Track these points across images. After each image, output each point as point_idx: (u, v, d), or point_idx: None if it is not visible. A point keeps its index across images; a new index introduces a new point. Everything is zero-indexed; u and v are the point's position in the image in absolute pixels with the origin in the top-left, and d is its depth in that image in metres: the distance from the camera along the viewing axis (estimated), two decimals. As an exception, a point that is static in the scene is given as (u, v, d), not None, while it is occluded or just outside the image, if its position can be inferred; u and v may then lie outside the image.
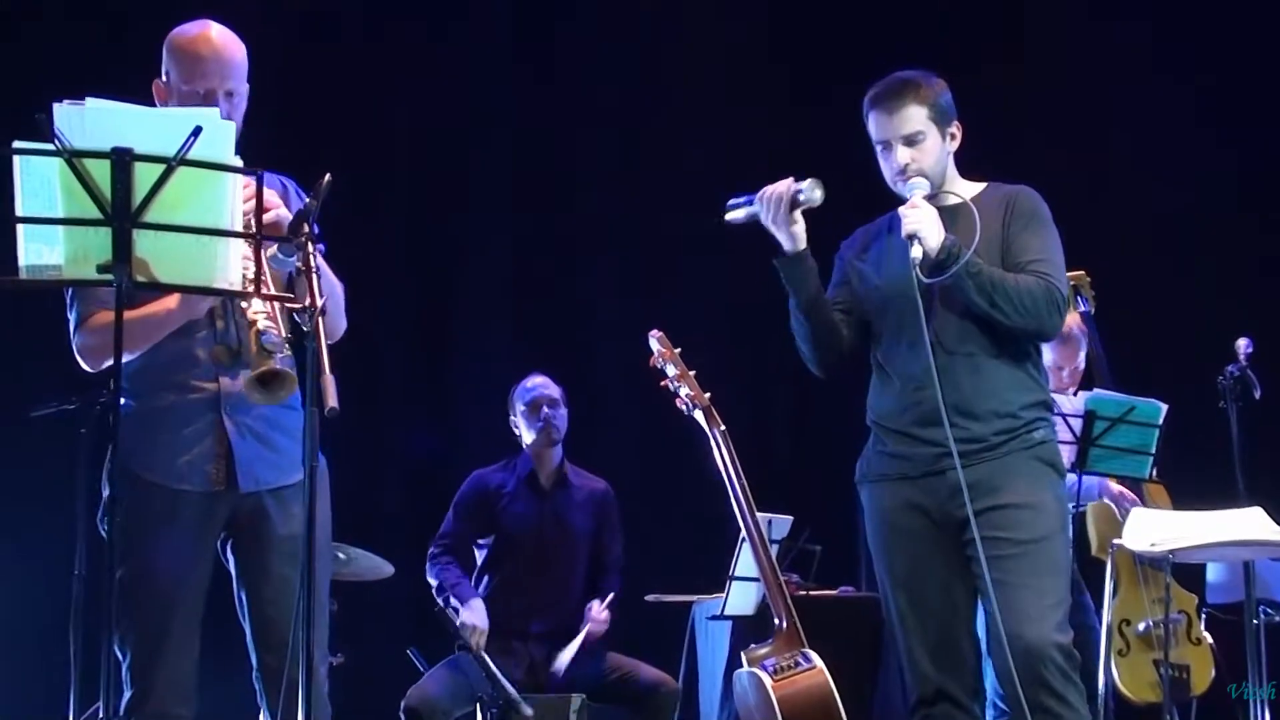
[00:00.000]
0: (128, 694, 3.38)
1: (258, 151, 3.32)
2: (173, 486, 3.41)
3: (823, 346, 3.93)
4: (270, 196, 3.27)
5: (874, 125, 3.84)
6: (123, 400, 3.45)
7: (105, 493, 3.48)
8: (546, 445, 5.75)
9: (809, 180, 3.78)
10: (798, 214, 3.81)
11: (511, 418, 5.82)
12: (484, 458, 5.91)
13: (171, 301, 3.34)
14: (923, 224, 3.69)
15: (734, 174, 7.16)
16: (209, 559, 3.48)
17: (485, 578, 5.68)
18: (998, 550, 3.63)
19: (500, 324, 7.43)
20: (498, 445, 5.93)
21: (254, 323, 3.22)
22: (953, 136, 3.86)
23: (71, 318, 3.46)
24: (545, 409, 5.73)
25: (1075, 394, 5.69)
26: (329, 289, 3.44)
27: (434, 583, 5.60)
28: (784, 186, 3.80)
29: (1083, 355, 5.79)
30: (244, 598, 3.51)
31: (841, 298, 3.98)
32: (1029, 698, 3.58)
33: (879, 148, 3.85)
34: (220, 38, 3.49)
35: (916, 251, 3.68)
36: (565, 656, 5.47)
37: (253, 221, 3.02)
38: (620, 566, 5.83)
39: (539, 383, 5.80)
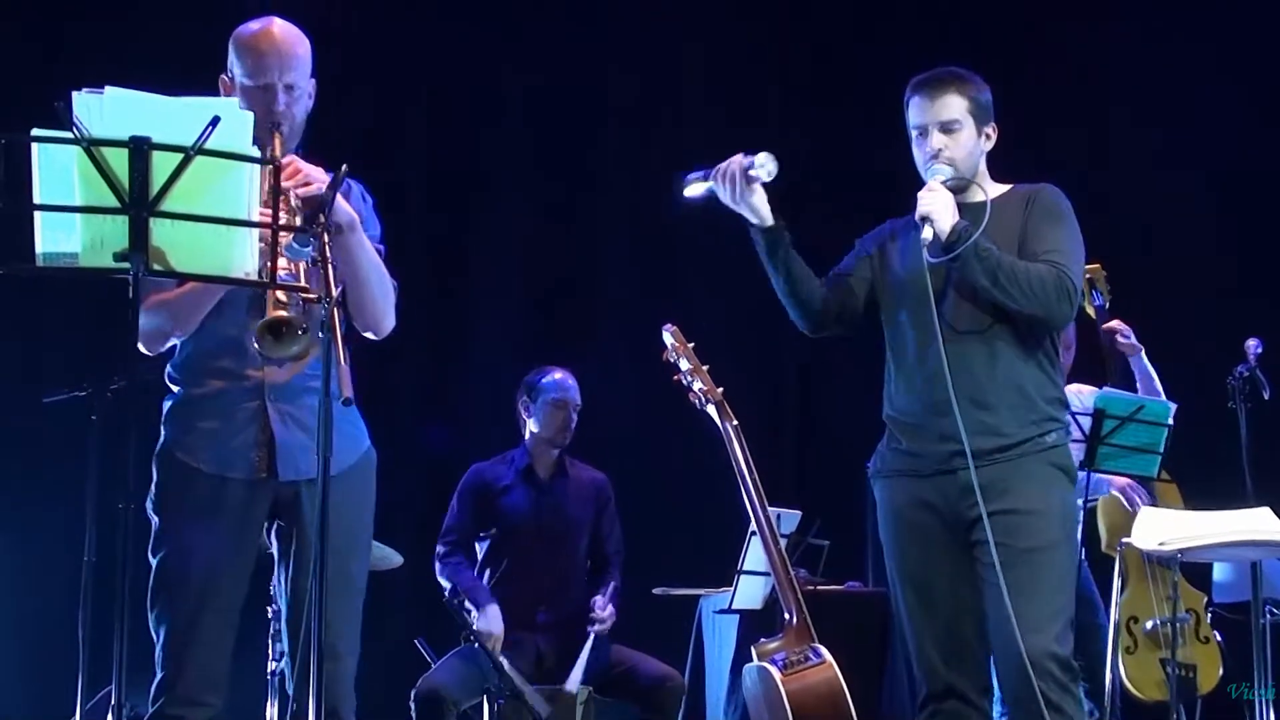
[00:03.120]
0: (159, 676, 3.40)
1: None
2: (216, 473, 3.43)
3: (803, 302, 3.94)
4: (314, 171, 3.29)
5: (914, 110, 3.87)
6: (174, 388, 3.51)
7: (154, 476, 3.50)
8: (555, 445, 5.76)
9: (761, 154, 3.79)
10: (756, 187, 3.82)
11: (524, 402, 5.77)
12: (494, 449, 5.91)
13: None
14: (935, 206, 3.73)
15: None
16: (250, 548, 3.48)
17: (487, 571, 5.68)
18: (1002, 557, 3.64)
19: (512, 318, 7.45)
20: (507, 438, 5.93)
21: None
22: (988, 137, 3.90)
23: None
24: (571, 413, 5.72)
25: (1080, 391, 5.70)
26: (381, 283, 3.48)
27: (446, 584, 5.57)
28: (736, 163, 3.81)
29: (1072, 342, 5.78)
30: (282, 585, 3.54)
31: (851, 270, 3.99)
32: (1025, 707, 3.61)
33: (915, 134, 3.87)
34: (282, 33, 3.50)
35: (927, 233, 3.72)
36: (577, 674, 5.46)
37: (277, 208, 3.03)
38: (620, 558, 5.82)
39: (570, 385, 5.75)
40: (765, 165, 3.78)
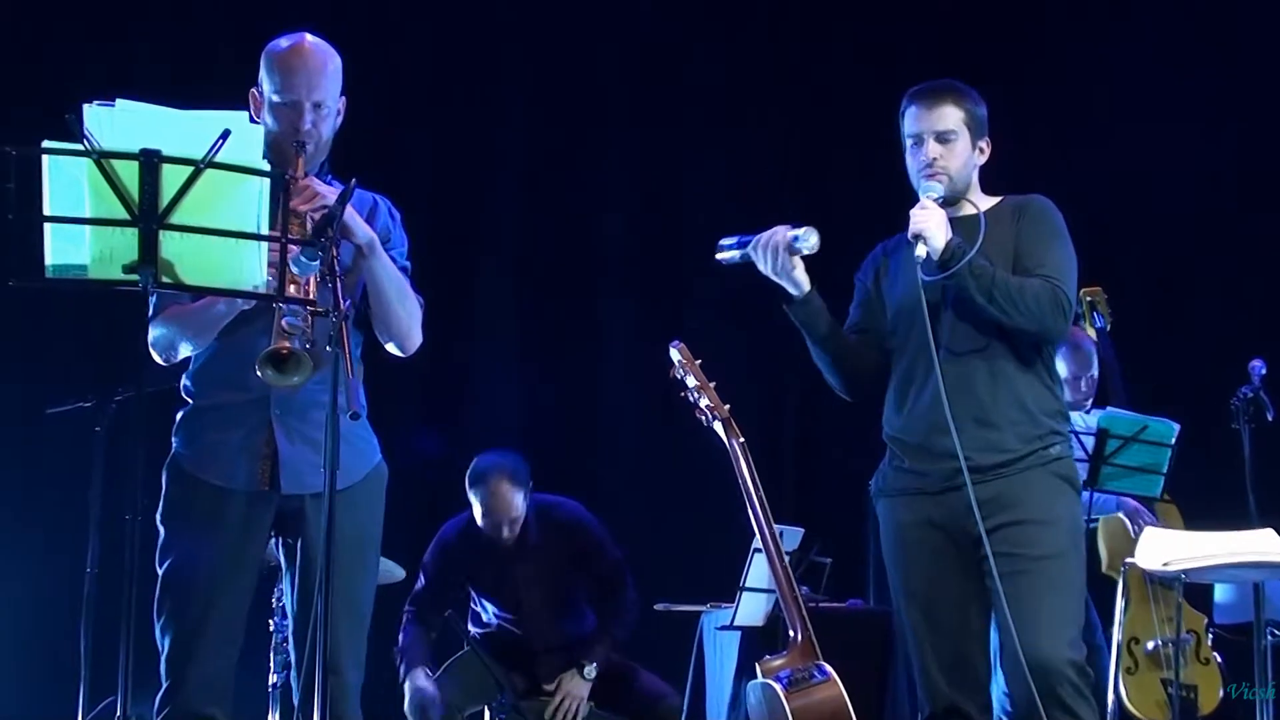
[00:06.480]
0: (164, 685, 3.41)
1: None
2: (219, 484, 3.43)
3: (846, 374, 3.97)
4: (329, 194, 3.29)
5: (910, 119, 3.87)
6: (187, 399, 3.52)
7: (163, 487, 3.51)
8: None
9: (804, 228, 3.78)
10: (797, 259, 3.82)
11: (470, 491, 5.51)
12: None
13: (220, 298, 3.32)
14: (929, 224, 3.73)
15: (746, 187, 7.27)
16: (254, 559, 3.48)
17: (482, 622, 5.61)
18: (1012, 566, 3.66)
19: (510, 331, 7.44)
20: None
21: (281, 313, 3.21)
22: (981, 151, 3.90)
23: (151, 308, 3.41)
24: (501, 528, 5.41)
25: (1089, 410, 5.71)
26: (404, 301, 3.54)
27: (397, 645, 5.45)
28: (780, 236, 3.80)
29: (1096, 364, 5.82)
30: (289, 598, 3.54)
31: (863, 320, 4.00)
32: (1042, 713, 3.60)
33: (910, 143, 3.88)
34: (312, 49, 3.47)
35: (921, 250, 3.73)
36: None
37: (286, 222, 3.04)
38: (623, 576, 5.65)
39: (499, 504, 5.38)
40: (809, 239, 3.77)
